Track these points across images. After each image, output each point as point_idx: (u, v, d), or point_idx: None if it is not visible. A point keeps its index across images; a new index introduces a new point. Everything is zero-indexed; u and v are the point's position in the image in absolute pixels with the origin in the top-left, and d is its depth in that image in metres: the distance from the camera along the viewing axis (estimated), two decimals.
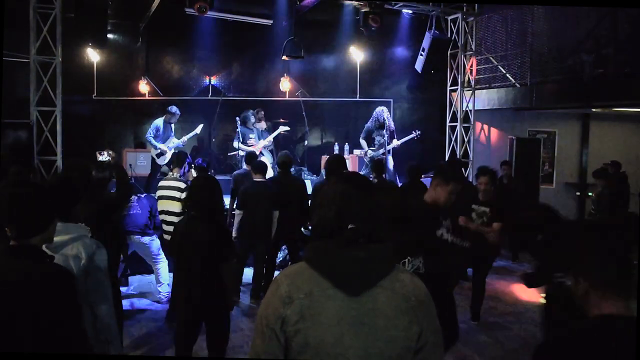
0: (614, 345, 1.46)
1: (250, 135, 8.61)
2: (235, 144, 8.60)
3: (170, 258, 5.51)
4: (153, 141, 8.33)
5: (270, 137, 8.77)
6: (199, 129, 8.46)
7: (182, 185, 5.34)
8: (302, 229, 6.29)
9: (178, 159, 5.70)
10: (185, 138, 8.49)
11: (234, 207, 6.08)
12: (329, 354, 1.48)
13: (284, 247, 6.62)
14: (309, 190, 6.92)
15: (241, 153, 8.47)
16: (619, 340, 1.46)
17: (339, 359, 1.48)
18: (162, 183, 5.66)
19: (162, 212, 5.42)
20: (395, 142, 8.62)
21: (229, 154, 9.14)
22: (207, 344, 3.64)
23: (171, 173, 5.73)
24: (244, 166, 6.96)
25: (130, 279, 6.46)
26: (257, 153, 8.17)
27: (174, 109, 8.42)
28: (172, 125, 8.55)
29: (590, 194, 8.31)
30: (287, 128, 8.96)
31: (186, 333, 3.59)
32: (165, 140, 8.42)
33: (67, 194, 2.61)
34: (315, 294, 1.49)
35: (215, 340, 3.63)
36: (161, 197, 5.48)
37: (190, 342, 3.59)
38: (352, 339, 1.48)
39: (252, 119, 8.63)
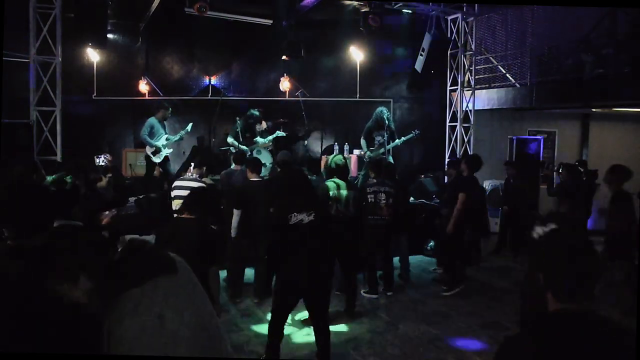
0: (575, 338, 1.53)
1: (247, 135, 8.57)
2: (230, 140, 8.53)
3: None
4: (148, 139, 8.28)
5: (270, 138, 8.77)
6: (189, 127, 8.44)
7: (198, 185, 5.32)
8: None
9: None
10: (175, 137, 8.47)
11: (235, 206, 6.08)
12: None
13: None
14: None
15: (233, 150, 8.47)
16: (577, 333, 1.54)
17: None
18: (177, 183, 5.67)
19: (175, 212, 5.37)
20: (397, 141, 8.61)
21: (220, 148, 9.08)
22: None
23: (189, 173, 5.72)
24: (233, 165, 6.88)
25: None
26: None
27: (167, 105, 8.44)
28: (165, 124, 8.53)
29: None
30: (283, 134, 9.05)
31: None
32: (160, 138, 8.40)
33: (67, 194, 2.61)
34: None
35: None
36: (176, 197, 5.48)
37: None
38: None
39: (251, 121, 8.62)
